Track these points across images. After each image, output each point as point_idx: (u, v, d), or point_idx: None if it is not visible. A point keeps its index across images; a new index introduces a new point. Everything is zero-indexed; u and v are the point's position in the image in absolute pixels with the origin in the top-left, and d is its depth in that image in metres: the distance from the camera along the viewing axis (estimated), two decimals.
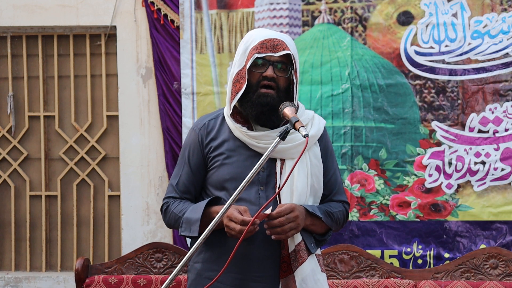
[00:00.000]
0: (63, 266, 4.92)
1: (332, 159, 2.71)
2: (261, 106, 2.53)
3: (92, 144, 4.83)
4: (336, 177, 2.71)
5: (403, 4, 4.33)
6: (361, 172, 4.35)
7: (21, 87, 4.90)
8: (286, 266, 2.55)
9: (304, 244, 2.54)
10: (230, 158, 2.60)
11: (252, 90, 2.55)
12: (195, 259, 2.65)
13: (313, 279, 2.52)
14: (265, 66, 2.54)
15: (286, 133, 2.38)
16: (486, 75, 4.26)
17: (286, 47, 2.53)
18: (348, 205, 2.74)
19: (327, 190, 2.68)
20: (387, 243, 4.34)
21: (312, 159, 2.61)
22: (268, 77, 2.53)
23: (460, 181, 4.29)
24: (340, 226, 2.72)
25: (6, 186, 4.93)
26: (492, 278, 3.83)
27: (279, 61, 2.54)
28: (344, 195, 2.74)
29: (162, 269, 4.02)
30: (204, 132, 2.66)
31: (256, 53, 2.52)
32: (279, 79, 2.55)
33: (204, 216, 2.52)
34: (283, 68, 2.55)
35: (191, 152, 2.68)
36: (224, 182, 2.59)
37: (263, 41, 2.53)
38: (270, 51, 2.52)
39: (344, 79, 4.36)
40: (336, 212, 2.65)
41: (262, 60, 2.54)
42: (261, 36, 2.56)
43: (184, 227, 2.58)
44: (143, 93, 4.65)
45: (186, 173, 2.68)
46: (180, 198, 2.68)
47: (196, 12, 4.48)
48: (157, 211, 4.64)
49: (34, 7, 4.71)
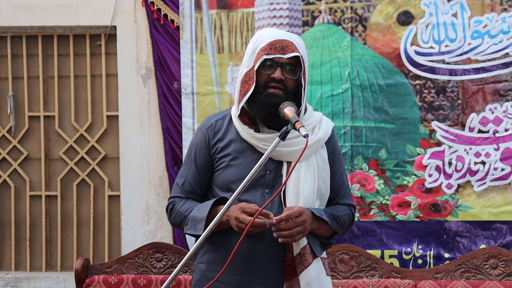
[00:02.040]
0: (63, 266, 4.92)
1: (339, 162, 2.69)
2: (269, 106, 2.51)
3: (92, 144, 4.83)
4: (343, 180, 2.70)
5: (403, 4, 4.33)
6: (361, 172, 4.35)
7: (21, 87, 4.90)
8: (291, 269, 2.54)
9: (309, 248, 2.53)
10: (236, 159, 2.59)
11: (260, 91, 2.53)
12: (200, 259, 2.64)
13: (318, 283, 2.51)
14: (273, 68, 2.52)
15: (286, 133, 2.37)
16: (486, 75, 4.26)
17: (295, 49, 2.51)
18: (354, 209, 2.73)
19: (333, 193, 2.66)
20: (387, 243, 4.34)
21: (319, 162, 2.59)
22: (276, 79, 2.52)
23: (460, 181, 4.29)
24: (346, 229, 2.71)
25: (6, 186, 4.93)
26: (492, 278, 3.83)
27: (287, 63, 2.52)
28: (351, 198, 2.73)
29: (162, 269, 4.02)
30: (211, 132, 2.65)
31: (265, 54, 2.50)
32: (287, 81, 2.53)
33: (210, 216, 2.51)
34: (291, 70, 2.53)
35: (197, 152, 2.66)
36: (230, 183, 2.58)
37: (272, 42, 2.51)
38: (279, 52, 2.50)
39: (344, 79, 4.36)
40: (342, 216, 2.64)
41: (270, 62, 2.52)
42: (271, 36, 2.53)
43: (190, 225, 2.57)
44: (143, 93, 4.65)
45: (192, 173, 2.66)
46: (186, 197, 2.67)
47: (196, 12, 4.48)
48: (157, 211, 4.64)
49: (34, 7, 4.71)
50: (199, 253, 2.65)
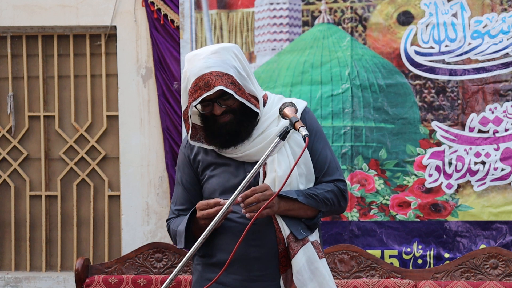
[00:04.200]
0: (63, 266, 4.92)
1: (317, 139, 2.63)
2: (223, 135, 2.53)
3: (92, 144, 4.83)
4: (324, 156, 2.63)
5: (403, 4, 4.33)
6: (361, 172, 4.35)
7: (21, 87, 4.90)
8: (286, 261, 2.54)
9: (293, 236, 2.51)
10: (217, 169, 2.60)
11: (210, 121, 2.54)
12: (197, 261, 2.66)
13: (309, 269, 2.50)
14: (209, 105, 2.52)
15: (286, 133, 2.38)
16: (486, 75, 4.26)
17: (215, 82, 2.46)
18: (342, 183, 2.63)
19: (316, 172, 2.61)
20: (387, 243, 4.34)
21: (294, 148, 2.56)
22: (218, 115, 2.51)
23: (460, 181, 4.28)
24: (336, 206, 2.63)
25: (6, 186, 4.93)
26: (492, 278, 3.83)
27: (219, 95, 2.50)
28: (337, 173, 2.64)
29: (162, 269, 4.02)
30: (188, 150, 2.67)
31: (193, 99, 2.47)
32: (230, 107, 2.52)
33: (195, 223, 2.54)
34: (227, 97, 2.50)
35: (182, 172, 2.70)
36: (214, 193, 2.59)
37: (195, 81, 2.47)
38: (204, 90, 2.46)
39: (344, 79, 4.36)
40: (322, 193, 2.57)
41: (202, 102, 2.50)
42: (193, 73, 2.49)
43: (178, 240, 2.62)
44: (143, 93, 4.65)
45: (181, 194, 2.70)
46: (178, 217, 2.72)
47: (196, 12, 4.48)
48: (157, 211, 4.64)
49: (34, 7, 4.71)
50: (196, 255, 2.66)
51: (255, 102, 2.55)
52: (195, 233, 2.55)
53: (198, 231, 2.50)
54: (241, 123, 2.52)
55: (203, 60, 2.50)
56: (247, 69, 2.57)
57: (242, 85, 2.51)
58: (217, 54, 2.50)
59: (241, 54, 2.57)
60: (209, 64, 2.48)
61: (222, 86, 2.45)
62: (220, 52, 2.51)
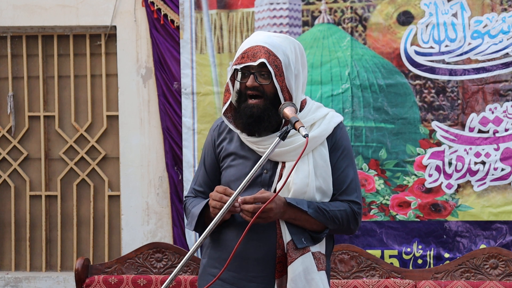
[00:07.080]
0: (63, 266, 4.92)
1: (343, 157, 2.64)
2: (246, 117, 2.55)
3: (92, 144, 4.83)
4: (345, 176, 2.62)
5: (403, 4, 4.33)
6: (361, 172, 4.35)
7: (21, 87, 4.90)
8: (282, 266, 2.56)
9: (293, 244, 2.52)
10: (237, 159, 2.63)
11: (242, 100, 2.58)
12: (203, 254, 2.72)
13: (305, 279, 2.49)
14: (248, 77, 2.55)
15: (286, 133, 2.38)
16: (486, 75, 4.26)
17: (262, 55, 2.50)
18: (357, 206, 2.62)
19: (335, 189, 2.61)
20: (387, 243, 4.34)
21: (318, 160, 2.58)
22: (249, 87, 2.54)
23: (460, 181, 4.29)
24: (345, 227, 2.62)
25: (6, 186, 4.93)
26: (492, 278, 3.84)
27: (259, 69, 2.53)
28: (355, 195, 2.63)
29: (162, 269, 4.03)
30: (216, 133, 2.72)
31: (235, 64, 2.54)
32: (264, 87, 2.54)
33: (207, 213, 2.59)
34: (265, 75, 2.54)
35: (206, 153, 2.75)
36: (230, 183, 2.62)
37: (246, 49, 2.54)
38: (250, 60, 2.52)
39: (344, 79, 4.36)
40: (334, 211, 2.57)
41: (243, 70, 2.55)
42: (250, 42, 2.56)
43: (189, 221, 2.67)
44: (143, 93, 4.65)
45: (202, 175, 2.76)
46: (196, 197, 2.77)
47: (196, 12, 4.48)
48: (157, 211, 4.64)
49: (34, 7, 4.71)
50: (203, 247, 2.72)
51: (287, 97, 2.56)
52: (206, 220, 2.59)
53: (208, 219, 2.57)
54: (266, 110, 2.54)
55: (264, 36, 2.57)
56: (299, 68, 2.59)
57: (285, 75, 2.53)
58: (279, 38, 2.57)
59: (301, 53, 2.62)
60: (267, 40, 2.54)
61: (266, 60, 2.49)
62: (283, 38, 2.58)
